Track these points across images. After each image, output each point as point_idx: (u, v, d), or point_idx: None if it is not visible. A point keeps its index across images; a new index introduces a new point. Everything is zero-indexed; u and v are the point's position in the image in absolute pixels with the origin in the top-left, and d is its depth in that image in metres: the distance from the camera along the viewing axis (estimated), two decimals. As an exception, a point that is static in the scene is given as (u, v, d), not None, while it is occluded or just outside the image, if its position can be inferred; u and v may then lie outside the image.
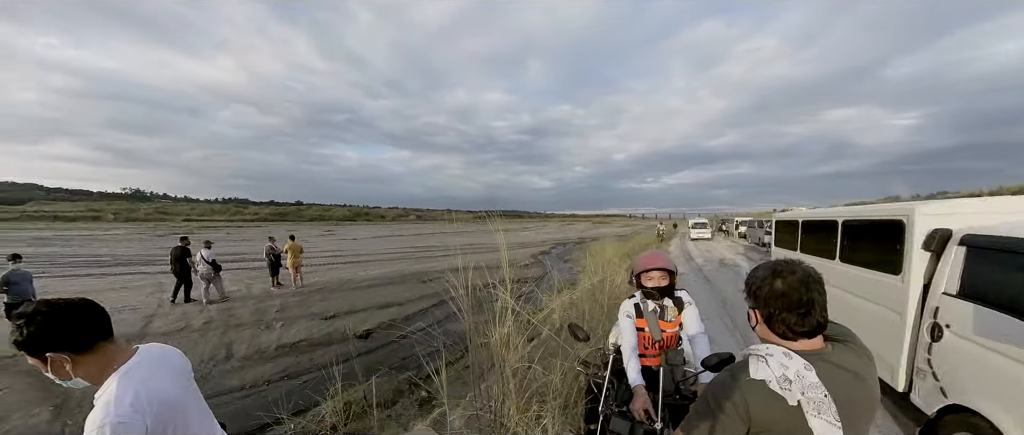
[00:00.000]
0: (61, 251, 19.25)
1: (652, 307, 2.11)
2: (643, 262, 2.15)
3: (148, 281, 11.04)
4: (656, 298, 2.11)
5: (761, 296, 1.03)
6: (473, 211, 11.19)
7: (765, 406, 0.96)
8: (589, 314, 5.19)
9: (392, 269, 13.97)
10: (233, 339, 6.16)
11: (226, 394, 4.55)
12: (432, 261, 16.40)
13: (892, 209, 3.21)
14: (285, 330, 6.60)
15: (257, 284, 10.61)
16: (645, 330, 2.11)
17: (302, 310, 7.92)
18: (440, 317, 7.29)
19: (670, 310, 2.12)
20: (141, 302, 8.51)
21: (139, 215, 61.94)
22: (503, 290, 3.17)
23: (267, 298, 9.01)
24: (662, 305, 2.12)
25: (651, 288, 2.09)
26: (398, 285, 10.71)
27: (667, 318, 2.11)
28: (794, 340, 1.01)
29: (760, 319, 1.05)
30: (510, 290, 3.19)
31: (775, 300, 1.00)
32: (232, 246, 21.65)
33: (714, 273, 12.02)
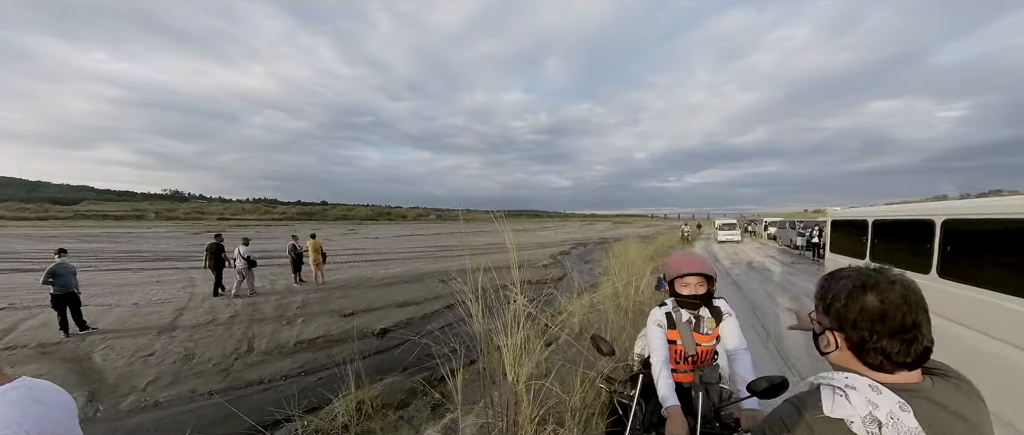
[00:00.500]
0: (107, 247, 20.51)
1: (686, 317, 1.88)
2: (678, 265, 1.87)
3: (181, 276, 11.54)
4: (692, 307, 1.86)
5: (848, 316, 0.79)
6: (491, 211, 11.11)
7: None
8: (612, 320, 4.95)
9: (411, 268, 14.08)
10: (255, 333, 6.29)
11: (244, 388, 4.61)
12: (450, 260, 16.46)
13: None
14: (305, 326, 6.69)
15: (281, 280, 10.89)
16: (677, 343, 1.87)
17: (322, 307, 8.03)
18: (457, 317, 7.22)
19: (707, 322, 1.88)
20: (173, 296, 8.86)
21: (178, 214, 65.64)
22: (517, 294, 3.00)
23: (289, 294, 9.22)
24: (698, 315, 1.88)
25: (687, 296, 1.84)
26: (416, 284, 10.74)
27: (703, 330, 1.87)
28: (892, 373, 0.77)
29: (843, 345, 0.81)
30: (521, 295, 3.02)
31: (870, 322, 0.77)
32: (260, 243, 22.48)
33: (742, 276, 11.45)
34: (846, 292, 0.81)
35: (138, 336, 6.12)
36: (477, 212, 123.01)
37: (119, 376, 4.82)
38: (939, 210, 3.07)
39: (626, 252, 12.39)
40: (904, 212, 3.74)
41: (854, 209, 5.02)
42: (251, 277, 9.05)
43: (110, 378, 4.78)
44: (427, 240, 30.24)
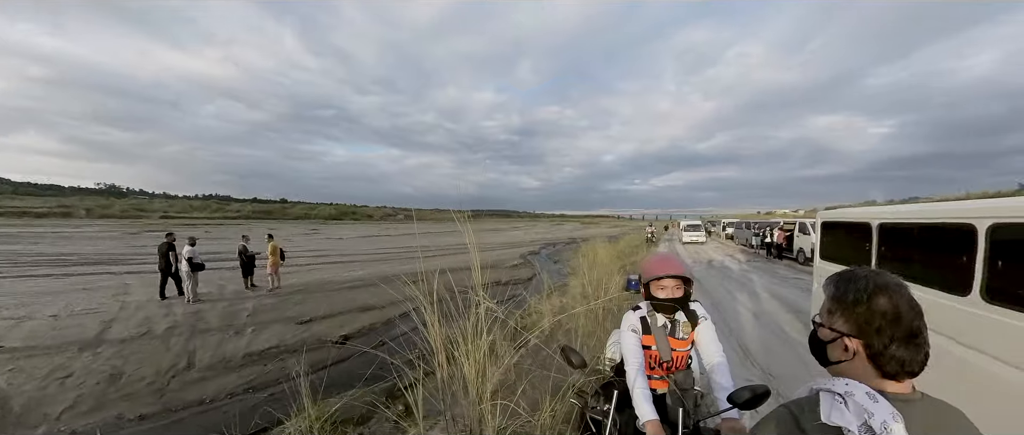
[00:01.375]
0: (25, 250, 18.21)
1: (662, 322, 1.81)
2: (654, 267, 1.79)
3: (113, 282, 10.40)
4: (668, 311, 1.79)
5: (872, 321, 0.74)
6: (462, 210, 10.86)
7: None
8: (582, 325, 4.92)
9: (376, 270, 13.53)
10: (197, 346, 5.72)
11: (181, 410, 4.15)
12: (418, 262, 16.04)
13: None
14: (256, 336, 6.18)
15: (231, 285, 10.08)
16: (652, 348, 1.81)
17: (277, 314, 7.48)
18: (423, 321, 6.97)
19: (682, 326, 1.81)
20: (102, 305, 7.93)
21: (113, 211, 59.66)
22: (481, 298, 2.84)
23: (239, 301, 8.52)
24: (673, 319, 1.81)
25: (664, 299, 1.76)
26: (381, 287, 10.31)
27: (678, 335, 1.81)
28: (901, 381, 0.75)
29: (861, 349, 0.76)
30: (487, 298, 2.87)
31: (888, 326, 0.73)
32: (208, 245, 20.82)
33: (703, 274, 11.93)
34: (865, 293, 0.76)
35: (55, 354, 5.38)
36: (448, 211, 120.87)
37: (27, 403, 4.19)
38: (984, 212, 2.33)
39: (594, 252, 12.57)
40: (927, 213, 2.93)
41: (851, 209, 4.29)
42: (195, 282, 8.28)
43: (15, 406, 4.14)
44: (394, 241, 29.37)
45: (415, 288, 3.39)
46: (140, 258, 15.66)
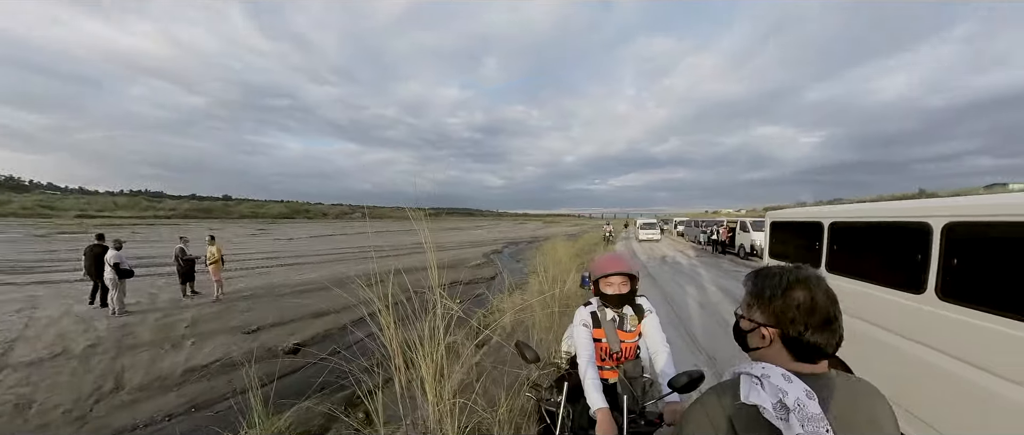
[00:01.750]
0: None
1: (611, 316, 1.95)
2: (603, 266, 1.93)
3: (17, 294, 9.08)
4: (616, 306, 1.93)
5: (786, 312, 0.83)
6: (423, 208, 10.66)
7: (758, 431, 0.79)
8: (540, 320, 5.08)
9: (331, 272, 12.93)
10: (127, 365, 5.17)
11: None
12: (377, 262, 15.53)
13: None
14: (196, 349, 5.70)
15: (165, 294, 9.19)
16: (603, 341, 1.94)
17: (220, 323, 6.94)
18: (380, 326, 6.80)
19: (630, 319, 1.96)
20: (2, 322, 6.92)
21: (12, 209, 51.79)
22: (439, 299, 2.85)
23: (176, 311, 7.79)
24: (621, 313, 1.96)
25: (611, 295, 1.90)
26: (337, 290, 9.89)
27: (626, 328, 1.95)
28: (816, 363, 0.85)
29: (777, 338, 0.85)
30: (447, 299, 2.89)
31: (804, 316, 0.82)
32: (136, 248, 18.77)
33: (657, 269, 12.64)
34: (782, 287, 0.86)
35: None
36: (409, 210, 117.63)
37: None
38: (939, 210, 2.38)
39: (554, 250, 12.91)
40: (880, 213, 2.94)
41: (801, 208, 4.28)
42: (122, 291, 7.45)
43: None
44: (351, 240, 28.16)
45: (370, 291, 3.33)
46: (50, 265, 13.78)
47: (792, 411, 0.75)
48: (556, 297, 6.01)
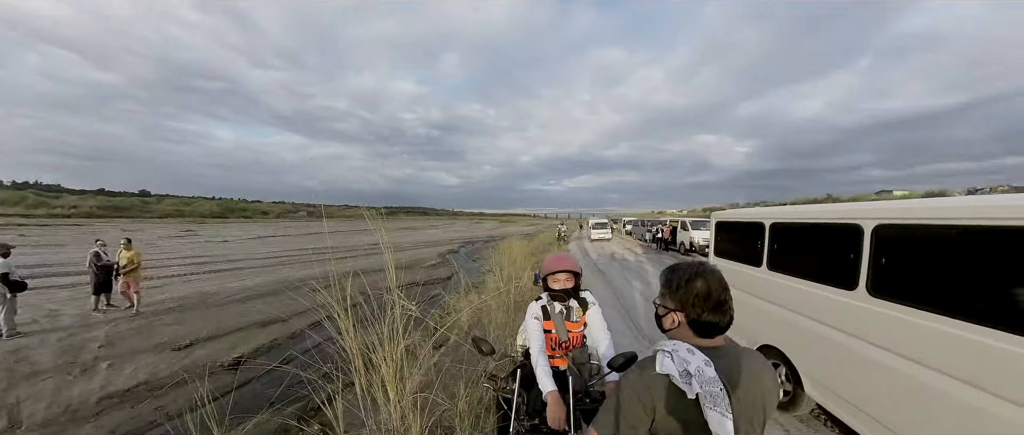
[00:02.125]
0: None
1: (559, 309, 2.16)
2: (550, 264, 2.19)
3: None
4: (563, 299, 2.16)
5: (687, 299, 1.06)
6: (376, 207, 10.31)
7: (667, 398, 1.02)
8: (496, 317, 5.23)
9: (276, 277, 12.09)
10: (23, 397, 4.47)
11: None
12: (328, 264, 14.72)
13: None
14: (115, 372, 5.09)
15: (70, 308, 8.02)
16: (552, 332, 2.14)
17: (143, 341, 6.22)
18: (338, 330, 6.52)
19: (575, 311, 2.18)
20: None
21: None
22: (397, 300, 2.87)
23: (85, 328, 6.85)
24: (568, 306, 2.18)
25: (558, 289, 2.14)
26: (282, 296, 9.26)
27: (573, 319, 2.17)
28: (712, 338, 1.08)
29: (683, 321, 1.09)
30: (405, 300, 2.92)
31: (698, 301, 1.05)
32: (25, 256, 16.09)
33: (606, 266, 13.33)
34: (685, 280, 1.08)
35: None
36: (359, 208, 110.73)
37: None
38: (869, 213, 2.52)
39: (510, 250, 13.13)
40: (817, 214, 3.08)
41: (744, 209, 4.39)
42: (12, 308, 6.38)
43: None
44: (297, 241, 26.33)
45: (326, 294, 3.25)
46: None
47: (694, 376, 0.98)
48: (512, 294, 6.21)
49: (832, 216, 2.91)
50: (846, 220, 2.73)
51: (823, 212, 3.07)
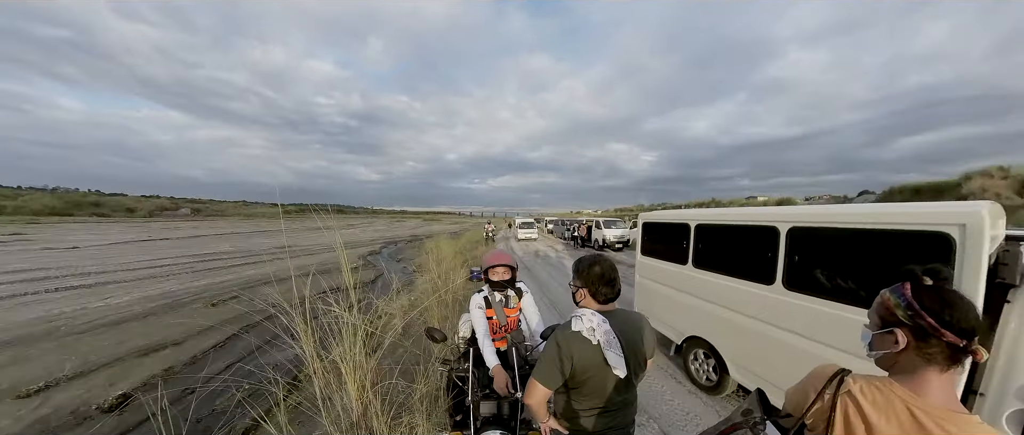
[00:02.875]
0: None
1: (499, 297, 2.55)
2: (490, 260, 2.58)
3: None
4: (502, 289, 2.55)
5: (589, 279, 1.55)
6: (280, 204, 9.42)
7: (580, 347, 1.45)
8: (437, 314, 5.37)
9: (159, 291, 10.24)
10: None
11: None
12: (226, 273, 12.91)
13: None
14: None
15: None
16: (494, 318, 2.54)
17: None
18: (251, 347, 5.89)
19: (512, 298, 2.60)
20: None
21: None
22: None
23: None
24: (506, 295, 2.58)
25: (497, 281, 2.53)
26: (171, 315, 7.96)
27: (510, 305, 2.59)
28: (606, 304, 1.56)
29: (587, 294, 1.57)
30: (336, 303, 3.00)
31: (596, 280, 1.54)
32: None
33: (532, 263, 14.07)
34: (587, 266, 1.57)
35: None
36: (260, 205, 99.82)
37: None
38: (785, 216, 2.84)
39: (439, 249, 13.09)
40: (737, 217, 3.36)
41: (670, 210, 4.61)
42: None
43: None
44: (179, 246, 22.29)
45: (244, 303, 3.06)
46: None
47: (595, 330, 1.45)
48: (450, 293, 6.39)
49: (753, 218, 3.15)
50: (765, 222, 2.98)
51: (744, 215, 3.30)
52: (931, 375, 0.84)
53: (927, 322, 0.82)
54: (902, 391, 0.85)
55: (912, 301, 0.85)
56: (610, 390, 1.49)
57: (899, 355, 0.87)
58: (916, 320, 0.84)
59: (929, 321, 0.82)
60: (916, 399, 0.82)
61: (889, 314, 0.89)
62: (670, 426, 3.37)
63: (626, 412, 1.58)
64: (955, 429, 0.77)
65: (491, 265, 2.53)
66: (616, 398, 1.52)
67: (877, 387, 0.87)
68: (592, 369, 1.45)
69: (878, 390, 0.86)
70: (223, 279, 11.95)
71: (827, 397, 0.92)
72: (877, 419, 0.83)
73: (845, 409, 0.88)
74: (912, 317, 0.84)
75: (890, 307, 0.89)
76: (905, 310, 0.86)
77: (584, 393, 1.50)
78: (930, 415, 0.79)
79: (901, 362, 0.88)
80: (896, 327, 0.87)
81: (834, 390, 0.91)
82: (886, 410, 0.83)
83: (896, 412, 0.82)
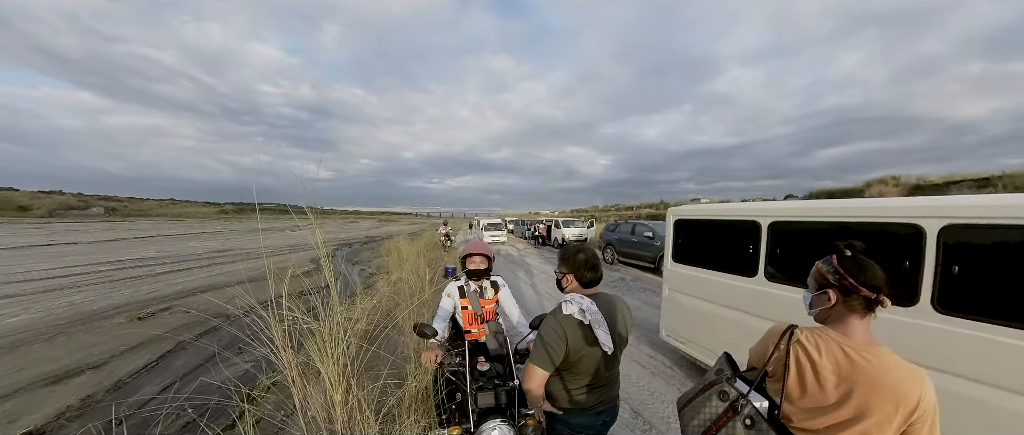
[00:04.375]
0: None
1: (474, 288, 2.62)
2: (468, 248, 2.68)
3: None
4: (478, 279, 2.63)
5: (575, 265, 1.71)
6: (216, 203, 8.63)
7: (573, 328, 1.59)
8: (411, 313, 5.22)
9: (67, 305, 8.89)
10: None
11: None
12: (153, 282, 11.51)
13: None
14: None
15: None
16: (469, 308, 2.59)
17: None
18: (192, 363, 5.31)
19: (488, 290, 2.68)
20: None
21: None
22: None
23: None
24: (482, 286, 2.65)
25: (474, 270, 2.61)
26: (87, 333, 6.95)
27: (486, 296, 2.67)
28: (590, 287, 1.73)
29: (573, 279, 1.72)
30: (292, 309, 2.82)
31: (582, 265, 1.70)
32: None
33: (499, 264, 14.11)
34: (572, 253, 1.73)
35: None
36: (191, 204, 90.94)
37: None
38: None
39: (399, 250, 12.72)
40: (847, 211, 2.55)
41: (724, 205, 3.88)
42: None
43: None
44: (93, 251, 19.46)
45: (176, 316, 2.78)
46: None
47: (586, 311, 1.58)
48: (424, 287, 6.25)
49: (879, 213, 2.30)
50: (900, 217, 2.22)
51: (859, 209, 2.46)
52: (854, 321, 1.11)
53: (849, 282, 1.10)
54: (835, 334, 1.11)
55: (838, 267, 1.14)
56: (600, 366, 1.66)
57: (830, 309, 1.15)
58: (842, 281, 1.12)
59: (850, 281, 1.10)
60: (845, 339, 1.09)
61: (822, 279, 1.17)
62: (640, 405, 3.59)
63: (614, 386, 1.78)
64: (872, 357, 1.04)
65: (469, 254, 2.62)
66: (605, 373, 1.69)
67: (818, 334, 1.13)
68: (585, 349, 1.60)
69: (818, 336, 1.13)
70: (150, 289, 10.67)
71: (783, 347, 1.16)
72: (818, 358, 1.09)
73: (796, 355, 1.12)
74: (839, 279, 1.12)
75: (823, 273, 1.17)
76: (834, 275, 1.14)
77: (576, 372, 1.65)
78: (855, 349, 1.07)
79: (833, 315, 1.16)
80: (828, 288, 1.14)
81: (787, 341, 1.15)
82: (825, 350, 1.09)
83: (832, 351, 1.09)
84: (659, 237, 12.16)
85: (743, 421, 1.12)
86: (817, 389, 1.07)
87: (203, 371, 4.85)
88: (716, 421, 1.16)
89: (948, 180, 23.77)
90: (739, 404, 1.14)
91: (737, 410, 1.14)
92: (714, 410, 1.18)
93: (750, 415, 1.11)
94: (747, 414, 1.12)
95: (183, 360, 5.55)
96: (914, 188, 25.29)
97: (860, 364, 1.03)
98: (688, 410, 1.26)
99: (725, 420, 1.15)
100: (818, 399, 1.07)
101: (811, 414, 1.08)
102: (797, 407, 1.10)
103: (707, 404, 1.20)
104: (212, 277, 12.16)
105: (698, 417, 1.21)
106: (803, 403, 1.10)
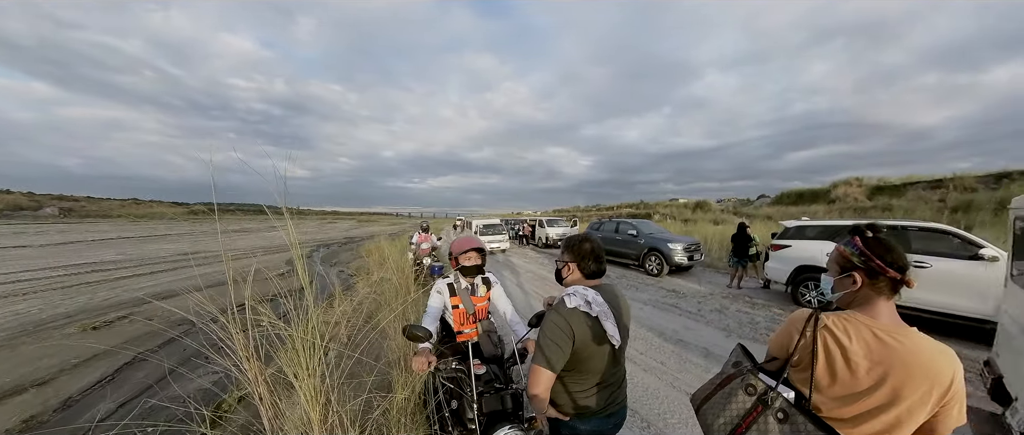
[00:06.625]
0: None
1: (465, 285, 2.52)
2: (460, 245, 2.55)
3: None
4: (471, 275, 2.51)
5: (579, 255, 1.63)
6: (184, 203, 8.14)
7: (580, 321, 1.49)
8: (398, 316, 4.97)
9: (10, 314, 8.14)
10: None
11: None
12: (111, 288, 10.72)
13: None
14: None
15: None
16: (460, 306, 2.46)
17: None
18: (153, 377, 4.89)
19: (480, 287, 2.58)
20: None
21: None
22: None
23: None
24: (473, 283, 2.55)
25: (468, 266, 2.50)
26: (31, 345, 6.34)
27: (478, 294, 2.57)
28: (593, 279, 1.65)
29: (576, 269, 1.65)
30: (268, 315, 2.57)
31: (587, 255, 1.62)
32: None
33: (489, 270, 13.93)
34: (578, 243, 1.65)
35: None
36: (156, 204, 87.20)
37: None
38: None
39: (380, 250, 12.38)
40: None
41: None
42: None
43: None
44: (44, 255, 18.03)
45: (135, 325, 2.49)
46: None
47: (592, 303, 1.51)
48: (409, 288, 6.04)
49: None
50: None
51: None
52: (881, 303, 1.09)
53: (876, 263, 1.08)
54: (863, 317, 1.08)
55: (863, 249, 1.11)
56: (607, 364, 1.56)
57: (856, 293, 1.12)
58: (868, 263, 1.10)
59: (877, 263, 1.08)
60: (874, 322, 1.06)
61: (846, 262, 1.15)
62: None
63: (622, 388, 1.67)
64: (904, 338, 1.02)
65: (463, 250, 2.50)
66: (612, 371, 1.60)
67: (846, 318, 1.09)
68: (592, 344, 1.50)
69: (846, 321, 1.09)
70: (107, 295, 9.92)
71: (809, 334, 1.11)
72: (848, 342, 1.05)
73: (824, 341, 1.08)
74: (865, 261, 1.10)
75: (847, 256, 1.14)
76: (859, 257, 1.11)
77: (583, 372, 1.55)
78: (887, 331, 1.04)
79: (857, 299, 1.13)
80: (853, 271, 1.12)
81: (814, 327, 1.11)
82: (855, 335, 1.06)
83: (862, 335, 1.05)
84: (643, 235, 12.45)
85: (775, 414, 1.06)
86: (848, 375, 1.04)
87: (164, 385, 4.46)
88: (745, 417, 1.10)
89: (906, 182, 25.22)
90: (769, 397, 1.09)
91: (767, 403, 1.08)
92: (742, 405, 1.12)
93: (782, 408, 1.06)
94: (779, 407, 1.07)
95: (144, 372, 5.11)
96: (875, 189, 26.65)
97: (893, 346, 1.01)
98: (709, 407, 1.18)
99: (755, 415, 1.08)
100: (850, 385, 1.03)
101: (842, 402, 1.05)
102: (826, 396, 1.07)
103: (732, 399, 1.14)
104: (177, 282, 11.45)
105: (724, 414, 1.14)
106: (833, 391, 1.06)
